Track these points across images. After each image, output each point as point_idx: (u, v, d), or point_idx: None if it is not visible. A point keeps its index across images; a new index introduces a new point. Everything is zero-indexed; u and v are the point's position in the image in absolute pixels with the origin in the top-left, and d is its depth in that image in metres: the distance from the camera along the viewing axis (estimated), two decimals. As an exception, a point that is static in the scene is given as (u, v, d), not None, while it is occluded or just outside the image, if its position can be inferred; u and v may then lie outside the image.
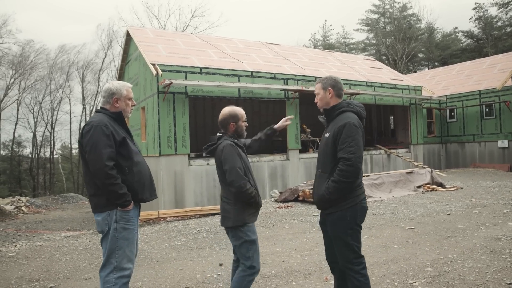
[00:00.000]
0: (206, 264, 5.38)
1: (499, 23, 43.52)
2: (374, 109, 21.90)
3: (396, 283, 4.26)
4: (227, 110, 3.49)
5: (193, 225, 8.40)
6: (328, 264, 3.35)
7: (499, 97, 19.76)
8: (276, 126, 3.82)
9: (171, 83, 11.13)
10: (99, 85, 38.31)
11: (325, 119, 3.30)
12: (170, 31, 22.94)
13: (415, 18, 47.56)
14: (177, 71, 11.87)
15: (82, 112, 38.19)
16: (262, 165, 13.40)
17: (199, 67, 12.35)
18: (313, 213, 9.08)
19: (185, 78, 11.93)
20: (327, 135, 3.15)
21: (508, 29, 42.78)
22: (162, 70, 11.43)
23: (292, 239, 6.67)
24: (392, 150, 17.47)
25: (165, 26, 37.35)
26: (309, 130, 15.77)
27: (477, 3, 43.98)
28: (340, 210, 3.03)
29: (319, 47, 39.92)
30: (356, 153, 2.93)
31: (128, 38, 15.14)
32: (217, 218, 9.13)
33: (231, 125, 3.45)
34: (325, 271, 4.74)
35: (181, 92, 11.87)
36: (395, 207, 9.38)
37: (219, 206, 10.21)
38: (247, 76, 13.22)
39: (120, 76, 16.95)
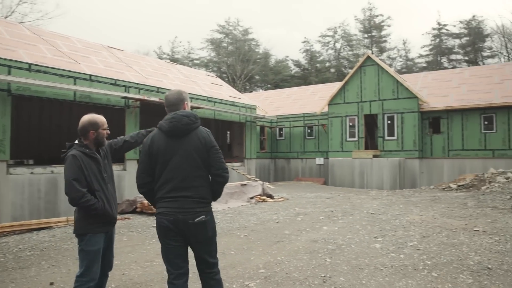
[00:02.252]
0: (33, 285, 4.79)
1: (321, 58, 51.08)
2: (213, 123, 22.87)
3: (234, 286, 4.59)
4: (86, 118, 3.37)
5: (13, 243, 7.33)
6: None
7: (318, 121, 23.05)
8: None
9: (-10, 77, 9.58)
10: None
11: None
12: (-11, 17, 19.69)
13: (254, 43, 51.89)
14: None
15: None
16: (98, 175, 12.52)
17: (28, 63, 10.93)
18: (151, 224, 8.95)
19: (9, 73, 10.39)
20: None
21: (327, 64, 50.57)
22: (-21, 62, 9.75)
23: (131, 251, 6.47)
24: (228, 164, 18.49)
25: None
26: (149, 140, 15.46)
27: (305, 38, 50.72)
28: None
29: (167, 60, 39.70)
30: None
31: None
32: (44, 234, 8.19)
33: (91, 133, 3.35)
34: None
35: (3, 89, 10.28)
36: (231, 217, 9.98)
37: (45, 220, 9.22)
38: (85, 79, 12.29)
39: None
